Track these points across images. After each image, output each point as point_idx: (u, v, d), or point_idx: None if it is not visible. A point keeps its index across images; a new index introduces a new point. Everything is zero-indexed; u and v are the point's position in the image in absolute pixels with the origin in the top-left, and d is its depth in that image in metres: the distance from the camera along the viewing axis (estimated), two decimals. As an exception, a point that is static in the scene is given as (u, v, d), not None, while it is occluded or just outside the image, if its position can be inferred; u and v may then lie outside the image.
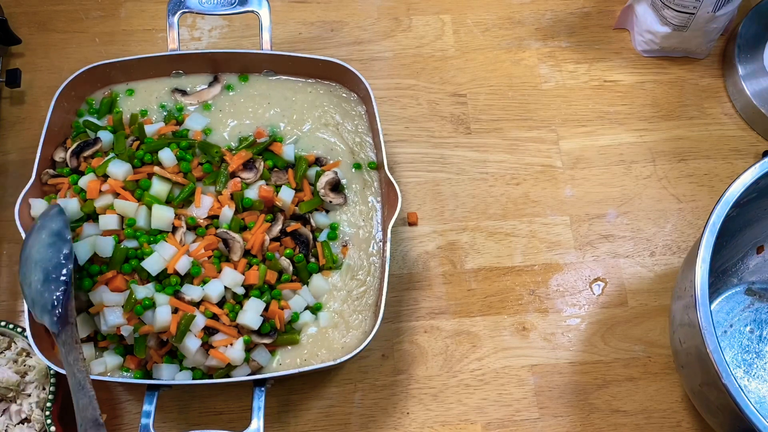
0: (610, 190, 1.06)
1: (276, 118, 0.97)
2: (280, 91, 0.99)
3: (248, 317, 0.84)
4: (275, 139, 0.95)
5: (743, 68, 1.09)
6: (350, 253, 0.91)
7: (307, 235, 0.91)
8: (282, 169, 0.94)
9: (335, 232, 0.92)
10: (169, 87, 0.98)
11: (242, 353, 0.83)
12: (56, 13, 1.12)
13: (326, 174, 0.93)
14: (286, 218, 0.91)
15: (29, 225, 0.86)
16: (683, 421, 0.95)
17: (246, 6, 0.97)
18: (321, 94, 0.99)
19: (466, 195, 1.04)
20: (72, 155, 0.90)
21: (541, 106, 1.10)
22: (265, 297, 0.86)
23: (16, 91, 1.06)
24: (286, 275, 0.89)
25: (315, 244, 0.91)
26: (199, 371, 0.85)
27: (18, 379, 0.88)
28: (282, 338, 0.86)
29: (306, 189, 0.93)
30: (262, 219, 0.89)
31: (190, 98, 0.97)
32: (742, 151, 1.09)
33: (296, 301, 0.88)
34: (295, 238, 0.90)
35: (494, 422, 0.93)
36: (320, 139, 0.97)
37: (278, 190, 0.91)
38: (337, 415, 0.93)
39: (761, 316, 0.99)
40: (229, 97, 0.98)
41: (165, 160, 0.89)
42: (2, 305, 0.96)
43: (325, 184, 0.92)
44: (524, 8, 1.16)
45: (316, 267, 0.90)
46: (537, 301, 1.00)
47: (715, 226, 0.81)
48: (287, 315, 0.87)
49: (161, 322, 0.82)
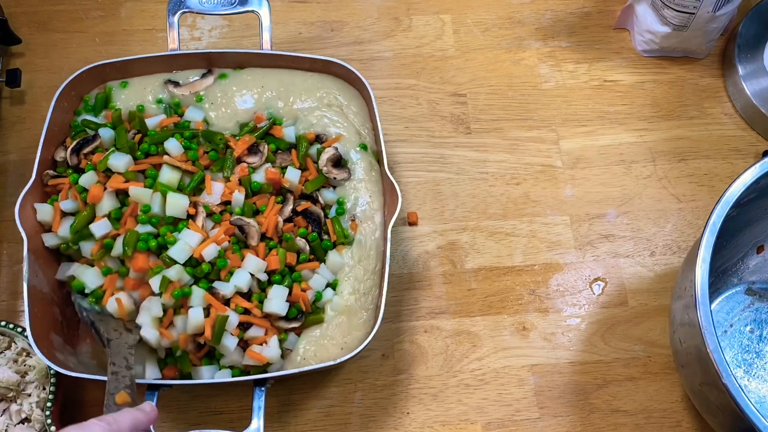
0: (610, 190, 1.06)
1: (272, 101, 0.97)
2: (276, 76, 0.98)
3: (275, 305, 0.84)
4: (275, 122, 0.95)
5: (743, 68, 1.09)
6: (360, 229, 0.91)
7: (318, 212, 0.91)
8: (285, 151, 0.94)
9: (342, 207, 0.92)
10: (162, 79, 0.97)
11: (278, 350, 0.84)
12: (56, 13, 1.12)
13: (327, 151, 0.93)
14: (296, 198, 0.92)
15: (30, 225, 0.86)
16: (683, 421, 0.95)
17: (246, 6, 0.97)
18: (323, 78, 0.99)
19: (466, 195, 1.04)
20: (72, 153, 0.90)
21: (541, 106, 1.10)
22: (286, 281, 0.87)
23: (16, 91, 1.06)
24: (303, 255, 0.89)
25: (326, 221, 0.92)
26: (238, 369, 0.85)
27: (18, 379, 0.88)
28: (309, 319, 0.87)
29: (311, 167, 0.93)
30: (273, 201, 0.90)
31: (182, 89, 0.96)
32: (742, 151, 1.09)
33: (316, 280, 0.88)
34: (306, 216, 0.91)
35: (494, 422, 0.93)
36: (323, 117, 0.96)
37: (284, 171, 0.91)
38: (337, 415, 0.93)
39: (761, 316, 0.99)
40: (221, 86, 0.97)
41: (172, 150, 0.90)
42: (2, 305, 0.96)
43: (326, 161, 0.92)
44: (524, 8, 1.16)
45: (330, 244, 0.91)
46: (537, 300, 1.00)
47: (715, 226, 0.81)
48: (310, 296, 0.87)
49: (195, 322, 0.82)
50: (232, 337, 0.83)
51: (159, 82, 0.97)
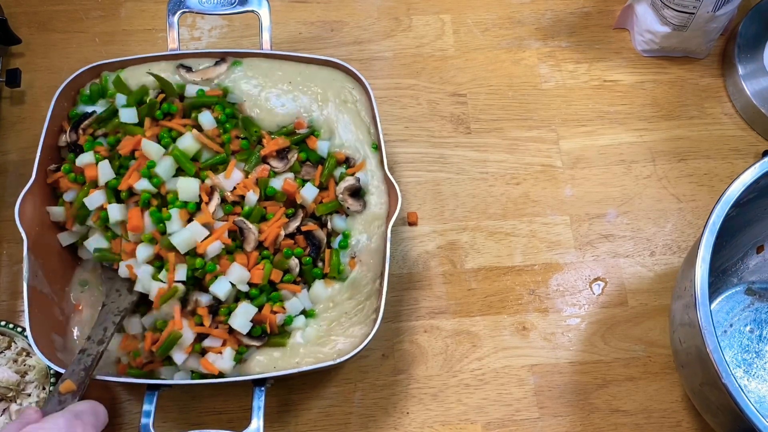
0: (610, 190, 1.06)
1: (298, 95, 0.94)
2: (292, 66, 0.97)
3: (238, 322, 0.83)
4: (313, 132, 0.93)
5: (743, 68, 1.09)
6: (358, 268, 0.88)
7: (321, 238, 0.89)
8: (313, 164, 0.92)
9: (347, 241, 0.89)
10: (164, 66, 0.96)
11: (231, 362, 0.83)
12: (56, 13, 1.12)
13: (347, 179, 0.91)
14: (306, 216, 0.90)
15: (30, 225, 0.86)
16: (683, 420, 0.95)
17: (246, 6, 0.97)
18: (332, 72, 0.98)
19: (466, 195, 1.04)
20: (71, 131, 0.90)
21: (541, 106, 1.10)
22: (262, 298, 0.85)
23: (16, 91, 1.06)
24: (289, 276, 0.87)
25: (326, 249, 0.89)
26: (198, 373, 0.85)
27: (18, 378, 0.88)
28: (272, 341, 0.86)
29: (331, 188, 0.91)
30: (282, 213, 0.88)
31: (194, 75, 0.95)
32: (742, 151, 1.09)
33: (293, 304, 0.87)
34: (308, 238, 0.89)
35: (494, 422, 0.93)
36: (341, 122, 0.94)
37: (303, 184, 0.90)
38: (337, 415, 0.93)
39: (761, 315, 0.99)
40: (240, 74, 0.95)
41: (205, 123, 0.89)
42: (2, 305, 0.96)
43: (344, 189, 0.90)
44: (524, 8, 1.16)
45: (320, 273, 0.88)
46: (537, 300, 1.00)
47: (715, 225, 0.81)
48: (280, 319, 0.86)
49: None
50: (180, 354, 0.83)
51: (161, 66, 0.95)
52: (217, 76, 0.95)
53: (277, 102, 0.94)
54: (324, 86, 0.96)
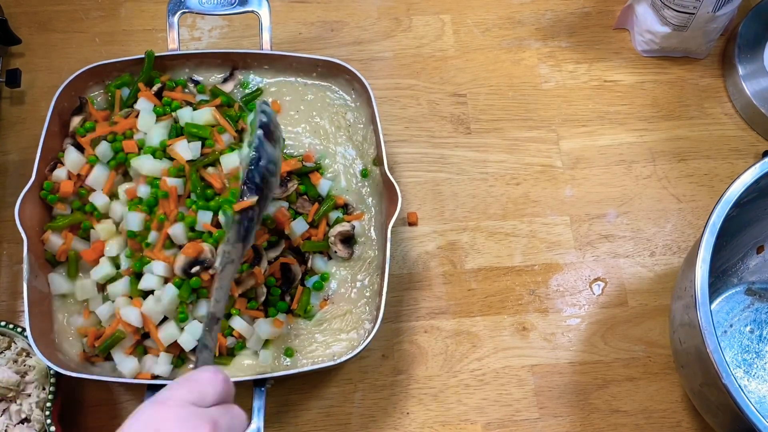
0: (610, 190, 1.06)
1: (299, 123, 0.97)
2: (293, 87, 0.98)
3: (184, 339, 0.83)
4: (317, 168, 0.94)
5: (743, 68, 1.09)
6: (328, 308, 0.89)
7: (297, 274, 0.88)
8: (309, 199, 0.92)
9: (321, 283, 0.90)
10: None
11: (168, 366, 0.84)
12: (56, 13, 1.12)
13: (342, 225, 0.91)
14: (288, 248, 0.90)
15: (29, 225, 0.86)
16: (683, 421, 0.95)
17: (246, 6, 0.97)
18: (327, 87, 0.99)
19: (466, 195, 1.04)
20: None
21: (541, 106, 1.10)
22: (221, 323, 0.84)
23: (16, 91, 1.06)
24: (253, 303, 0.87)
25: (298, 285, 0.89)
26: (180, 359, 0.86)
27: (18, 379, 0.88)
28: (215, 360, 0.84)
29: (321, 228, 0.91)
30: (265, 239, 0.88)
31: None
32: (742, 151, 1.09)
33: (248, 330, 0.85)
34: (284, 271, 0.88)
35: (494, 422, 0.93)
36: (336, 154, 0.96)
37: (296, 217, 0.90)
38: (337, 415, 0.93)
39: (761, 316, 0.99)
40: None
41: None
42: (2, 305, 0.96)
43: (338, 233, 0.90)
44: (524, 8, 1.16)
45: (285, 307, 0.88)
46: (537, 301, 1.00)
47: (715, 226, 0.81)
48: (230, 342, 0.85)
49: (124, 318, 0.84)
50: (121, 354, 0.84)
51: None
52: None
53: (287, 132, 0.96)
54: (321, 112, 0.97)
